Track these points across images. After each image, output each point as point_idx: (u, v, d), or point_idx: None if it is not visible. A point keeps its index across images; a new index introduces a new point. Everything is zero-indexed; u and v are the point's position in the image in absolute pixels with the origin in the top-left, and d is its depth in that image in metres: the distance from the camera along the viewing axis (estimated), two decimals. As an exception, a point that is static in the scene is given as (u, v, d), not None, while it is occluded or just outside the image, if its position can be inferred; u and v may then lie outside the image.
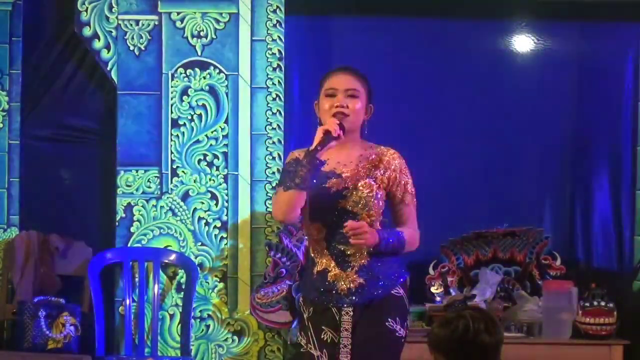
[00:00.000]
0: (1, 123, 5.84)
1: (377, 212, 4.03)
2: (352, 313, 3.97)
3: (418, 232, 4.13)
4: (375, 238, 3.94)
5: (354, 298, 3.96)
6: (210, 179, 5.73)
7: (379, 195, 4.02)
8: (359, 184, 3.99)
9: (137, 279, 5.67)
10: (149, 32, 5.74)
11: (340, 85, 4.03)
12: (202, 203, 5.72)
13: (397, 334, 3.99)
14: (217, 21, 5.75)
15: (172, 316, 5.72)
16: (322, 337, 3.99)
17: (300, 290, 4.12)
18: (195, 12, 5.75)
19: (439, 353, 3.11)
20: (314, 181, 3.96)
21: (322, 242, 4.00)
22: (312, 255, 4.05)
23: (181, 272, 5.71)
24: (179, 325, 5.70)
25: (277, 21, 5.74)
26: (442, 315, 3.24)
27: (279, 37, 5.75)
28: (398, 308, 4.02)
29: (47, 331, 5.45)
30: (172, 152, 5.73)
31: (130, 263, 5.67)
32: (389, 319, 3.97)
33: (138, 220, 5.72)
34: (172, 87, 5.73)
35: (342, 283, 3.97)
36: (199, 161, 5.74)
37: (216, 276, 5.72)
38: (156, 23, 5.74)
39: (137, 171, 5.74)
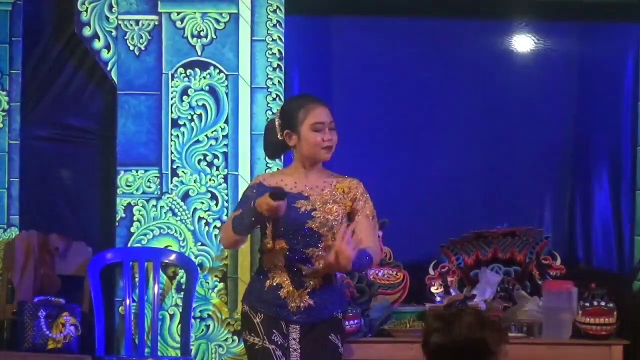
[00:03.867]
0: (1, 123, 5.84)
1: None
2: (299, 328, 4.21)
3: (379, 246, 4.37)
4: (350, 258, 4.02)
5: (301, 317, 4.19)
6: (210, 179, 5.73)
7: (343, 220, 4.21)
8: (327, 207, 4.19)
9: (137, 279, 5.67)
10: (149, 32, 5.74)
11: (326, 119, 4.25)
12: (202, 203, 5.73)
13: (338, 349, 4.25)
14: (217, 21, 5.75)
15: (172, 316, 5.72)
16: (272, 337, 4.19)
17: (247, 300, 4.29)
18: (195, 12, 5.75)
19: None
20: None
21: (282, 258, 4.19)
22: (265, 268, 4.23)
23: (181, 272, 5.71)
24: (179, 325, 5.70)
25: (277, 21, 5.74)
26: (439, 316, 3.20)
27: (279, 37, 5.75)
28: (338, 328, 4.28)
29: (47, 331, 5.45)
30: (172, 152, 5.73)
31: (130, 263, 5.67)
32: (332, 334, 4.22)
33: (138, 220, 5.72)
34: (172, 87, 5.73)
35: (293, 302, 4.19)
36: (199, 161, 5.74)
37: (216, 276, 5.72)
38: (156, 23, 5.75)
39: (137, 171, 5.74)
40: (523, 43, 6.08)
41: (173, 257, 5.69)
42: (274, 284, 4.19)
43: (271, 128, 4.34)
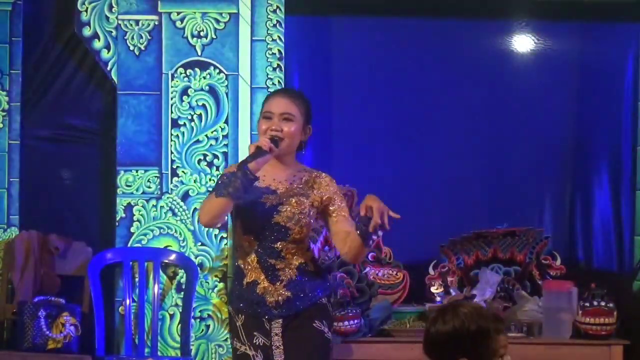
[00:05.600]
0: (1, 123, 5.84)
1: (308, 228, 4.20)
2: (281, 321, 4.15)
3: None
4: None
5: (282, 311, 4.15)
6: (210, 179, 5.73)
7: (311, 213, 4.17)
8: (293, 201, 4.13)
9: (137, 279, 5.67)
10: (149, 32, 5.74)
11: (276, 109, 4.17)
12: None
13: (325, 335, 4.18)
14: (217, 21, 5.75)
15: (172, 316, 5.72)
16: (254, 341, 4.17)
17: (230, 302, 4.28)
18: (195, 12, 5.75)
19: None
20: (248, 197, 4.07)
21: (253, 255, 4.15)
22: (242, 267, 4.20)
23: (181, 272, 5.71)
24: (179, 325, 5.70)
25: (277, 21, 5.74)
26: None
27: (279, 37, 5.75)
28: (323, 313, 4.20)
29: (47, 331, 5.45)
30: (172, 152, 5.73)
31: (130, 263, 5.67)
32: (316, 321, 4.16)
33: (138, 220, 5.72)
34: (172, 87, 5.73)
35: (271, 296, 4.15)
36: (199, 161, 5.74)
37: (216, 276, 5.72)
38: (156, 23, 5.75)
39: (137, 171, 5.74)
40: (523, 43, 6.08)
41: (173, 257, 5.69)
42: (250, 282, 4.17)
43: None
